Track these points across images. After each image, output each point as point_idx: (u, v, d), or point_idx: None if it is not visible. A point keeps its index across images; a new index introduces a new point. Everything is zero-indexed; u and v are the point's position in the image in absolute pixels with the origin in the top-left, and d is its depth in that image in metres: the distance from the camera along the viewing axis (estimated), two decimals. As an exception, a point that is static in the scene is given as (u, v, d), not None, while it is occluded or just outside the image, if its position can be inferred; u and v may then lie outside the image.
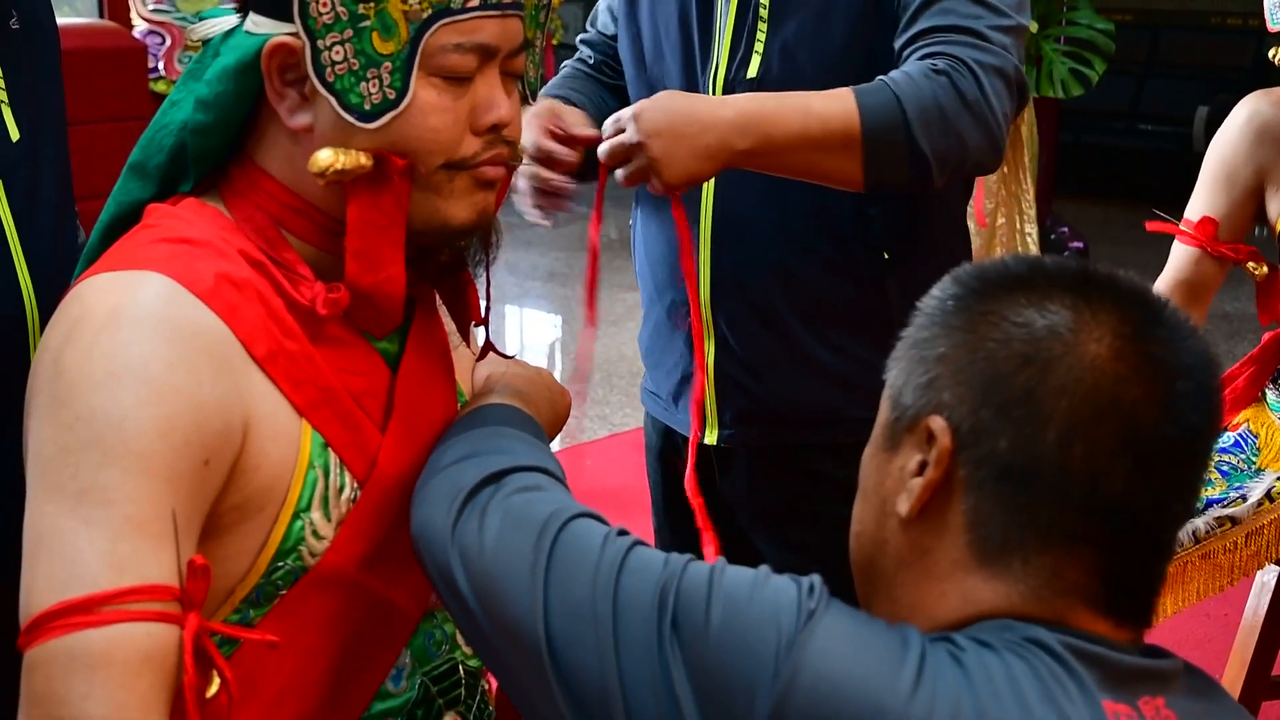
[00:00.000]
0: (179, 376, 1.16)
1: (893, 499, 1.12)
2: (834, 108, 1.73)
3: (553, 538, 1.15)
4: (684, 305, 1.98)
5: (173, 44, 5.58)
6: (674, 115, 1.70)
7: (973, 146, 1.77)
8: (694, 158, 1.69)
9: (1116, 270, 1.12)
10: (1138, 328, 1.06)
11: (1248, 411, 2.68)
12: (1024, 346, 1.06)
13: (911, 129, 1.72)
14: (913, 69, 1.76)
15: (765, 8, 1.88)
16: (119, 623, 1.09)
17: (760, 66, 1.89)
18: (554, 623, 1.11)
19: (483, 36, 1.27)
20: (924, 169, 1.75)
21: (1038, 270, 1.11)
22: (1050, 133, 7.71)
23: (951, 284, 1.14)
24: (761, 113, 1.72)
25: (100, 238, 1.34)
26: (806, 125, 1.72)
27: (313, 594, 1.28)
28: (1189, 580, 2.54)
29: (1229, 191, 2.58)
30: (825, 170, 1.76)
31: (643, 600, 1.08)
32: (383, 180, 1.26)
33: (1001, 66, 1.78)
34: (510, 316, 7.14)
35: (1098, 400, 1.04)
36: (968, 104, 1.74)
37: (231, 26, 1.31)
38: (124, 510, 1.11)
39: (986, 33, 1.79)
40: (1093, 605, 1.07)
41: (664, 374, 2.10)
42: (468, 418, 1.38)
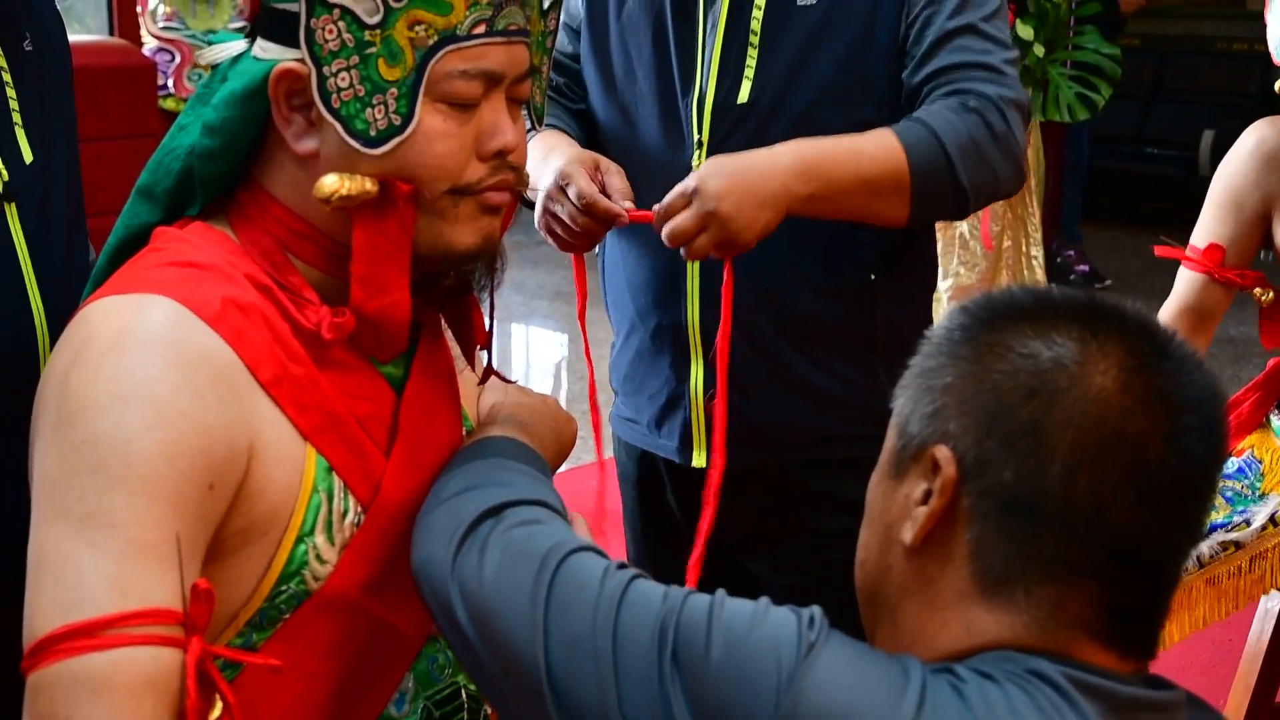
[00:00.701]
0: (185, 400, 1.16)
1: (897, 527, 1.12)
2: (882, 152, 1.77)
3: (552, 571, 1.15)
4: (671, 329, 1.99)
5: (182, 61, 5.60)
6: (734, 174, 1.72)
7: (1003, 177, 1.85)
8: (762, 208, 1.72)
9: (1123, 302, 1.12)
10: (1144, 360, 1.06)
11: (1252, 437, 2.68)
12: (1030, 378, 1.06)
13: (954, 166, 1.79)
14: (945, 106, 1.81)
15: (756, 34, 1.88)
16: (122, 646, 1.09)
17: (752, 91, 1.89)
18: (554, 656, 1.11)
19: (488, 63, 1.28)
20: (963, 202, 1.83)
21: (1044, 301, 1.11)
22: (1056, 157, 7.72)
23: (959, 314, 1.14)
24: (818, 158, 1.75)
25: (108, 260, 1.35)
26: (860, 169, 1.76)
27: (316, 618, 1.28)
28: (1194, 606, 2.54)
29: (1236, 217, 2.59)
30: (875, 210, 1.81)
31: (643, 633, 1.08)
32: (388, 206, 1.26)
33: (1018, 99, 1.85)
34: (517, 335, 7.15)
35: (1103, 433, 1.04)
36: (997, 138, 1.81)
37: (240, 51, 1.31)
38: (129, 534, 1.12)
39: (1001, 67, 1.85)
40: (1096, 637, 1.07)
41: (645, 399, 2.09)
42: (469, 449, 1.38)
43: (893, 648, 1.11)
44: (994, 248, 5.44)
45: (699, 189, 1.71)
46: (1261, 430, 2.68)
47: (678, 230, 1.72)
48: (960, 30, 1.85)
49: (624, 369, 2.14)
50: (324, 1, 1.20)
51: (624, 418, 2.17)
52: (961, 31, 1.85)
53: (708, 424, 1.98)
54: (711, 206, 1.70)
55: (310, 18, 1.20)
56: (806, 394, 1.96)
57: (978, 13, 1.86)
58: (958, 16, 1.85)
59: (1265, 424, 2.69)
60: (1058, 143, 7.78)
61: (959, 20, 1.85)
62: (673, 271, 1.95)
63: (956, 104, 1.81)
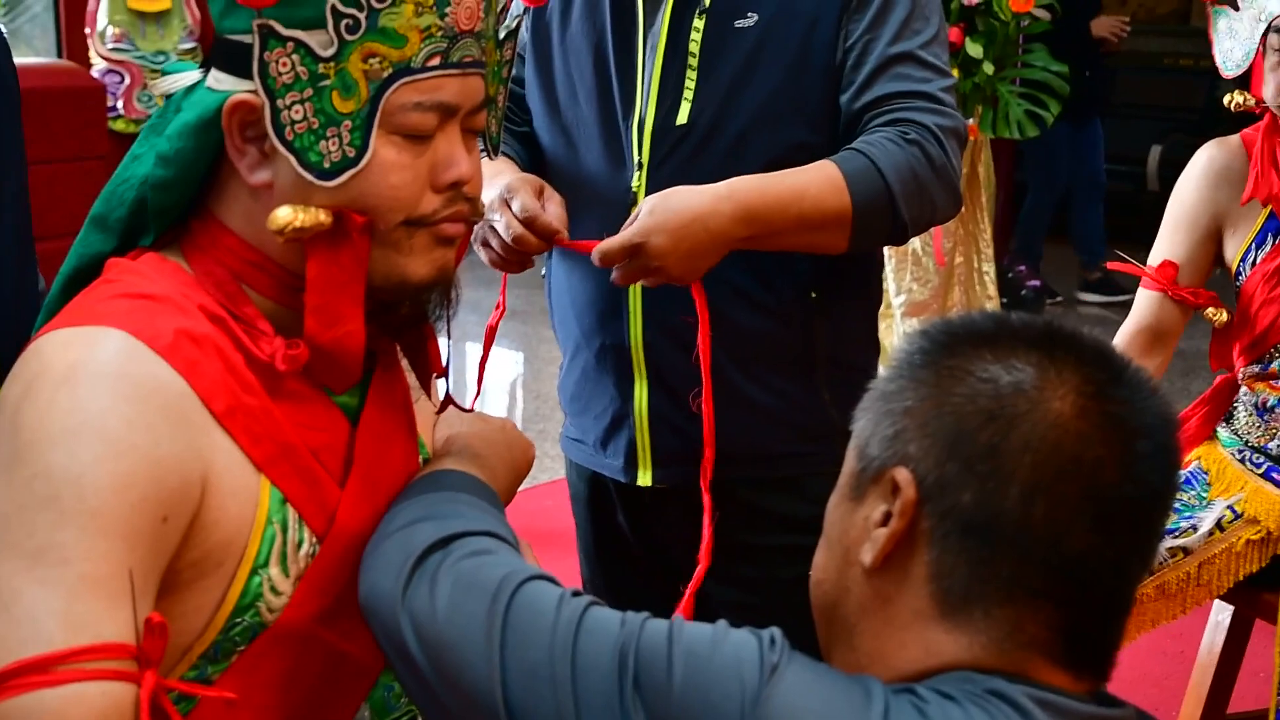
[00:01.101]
0: (137, 433, 1.15)
1: (856, 548, 1.13)
2: (826, 191, 1.79)
3: (506, 601, 1.16)
4: (614, 350, 1.99)
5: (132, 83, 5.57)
6: (677, 229, 1.73)
7: (940, 206, 1.88)
8: (703, 257, 1.75)
9: (1080, 328, 1.14)
10: (1100, 387, 1.08)
11: (1199, 450, 2.71)
12: (989, 403, 1.07)
13: (895, 200, 1.81)
14: (885, 137, 1.82)
15: (695, 56, 1.89)
16: (75, 682, 1.09)
17: (690, 113, 1.89)
18: (512, 686, 1.11)
19: (443, 95, 1.28)
20: (902, 233, 1.85)
21: (1003, 326, 1.13)
22: (1007, 173, 7.77)
23: (919, 337, 1.16)
24: (762, 203, 1.77)
25: (61, 290, 1.34)
26: (803, 211, 1.78)
27: (271, 650, 1.28)
28: (1143, 612, 2.58)
29: (1188, 236, 2.64)
30: (815, 244, 1.84)
31: (602, 660, 1.09)
32: (342, 237, 1.26)
33: (956, 128, 1.87)
34: (472, 355, 7.12)
35: (1060, 458, 1.05)
36: (936, 170, 1.84)
37: (194, 82, 1.31)
38: (81, 569, 1.11)
39: (940, 95, 1.88)
40: (1052, 658, 1.08)
41: (591, 419, 2.09)
42: (420, 482, 1.38)
43: (850, 668, 1.12)
44: (946, 264, 5.47)
45: (643, 248, 1.73)
46: (1208, 442, 2.71)
47: (625, 277, 1.76)
48: (900, 58, 1.87)
49: (570, 389, 2.14)
50: (277, 34, 1.20)
51: (571, 438, 2.18)
52: (901, 59, 1.87)
53: (652, 442, 2.00)
54: (656, 265, 1.73)
55: (264, 50, 1.20)
56: (748, 411, 1.96)
57: (917, 40, 1.88)
58: (897, 44, 1.87)
59: (1213, 436, 2.72)
60: (1007, 160, 7.84)
61: (899, 48, 1.87)
62: (615, 293, 1.96)
63: (897, 135, 1.82)
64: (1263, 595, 2.58)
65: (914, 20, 1.89)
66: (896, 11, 1.88)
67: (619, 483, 2.07)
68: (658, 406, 1.98)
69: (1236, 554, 2.55)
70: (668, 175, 1.86)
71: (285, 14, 1.20)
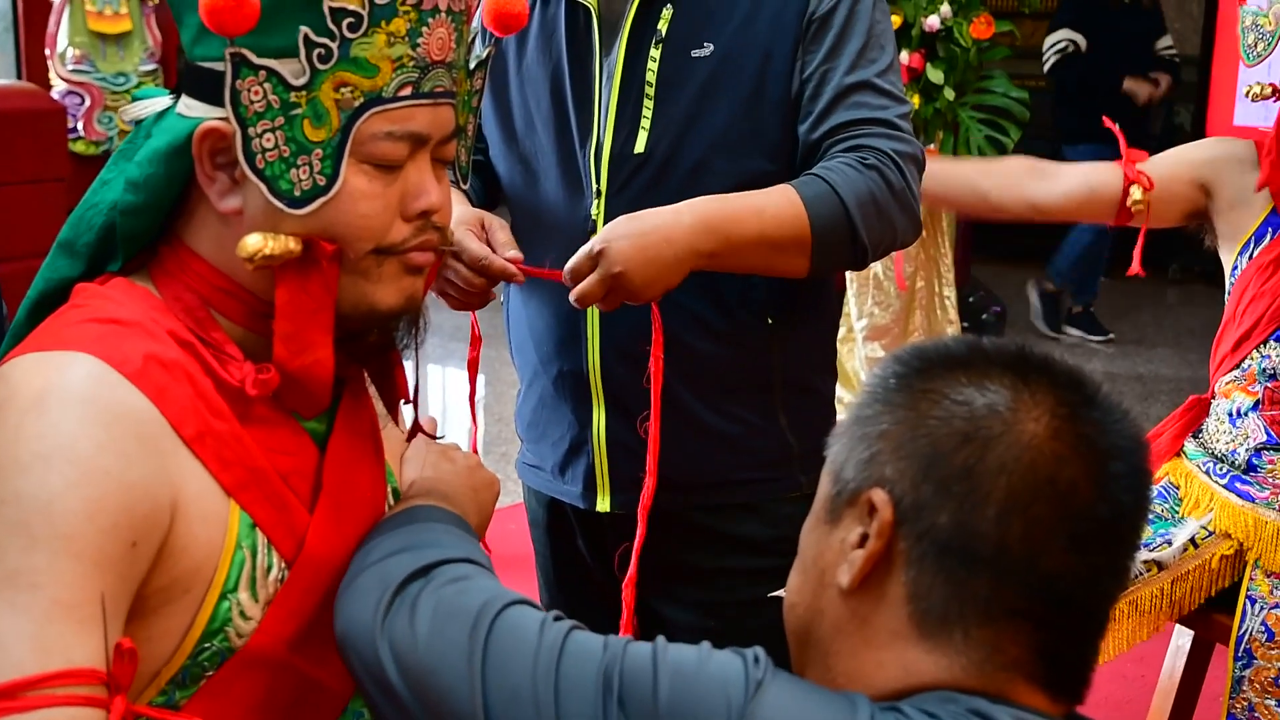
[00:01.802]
0: (107, 458, 1.15)
1: (832, 570, 1.14)
2: (784, 210, 1.80)
3: (488, 626, 1.16)
4: (572, 376, 2.00)
5: (92, 104, 5.56)
6: (638, 237, 1.74)
7: (900, 230, 1.90)
8: (665, 271, 1.75)
9: (1051, 354, 1.16)
10: (1073, 408, 1.09)
11: (1166, 465, 2.72)
12: (964, 425, 1.09)
13: (854, 223, 1.82)
14: (844, 163, 1.84)
15: (652, 85, 1.90)
16: (45, 708, 1.08)
17: (648, 141, 1.90)
18: (494, 710, 1.11)
19: (414, 125, 1.28)
20: (862, 256, 1.86)
21: (976, 350, 1.15)
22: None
23: (893, 363, 1.17)
24: (721, 216, 1.78)
25: (27, 315, 1.33)
26: (763, 228, 1.79)
27: (240, 675, 1.27)
28: (1118, 629, 2.58)
29: (1175, 163, 2.68)
30: (776, 265, 1.84)
31: (586, 683, 1.09)
32: (311, 265, 1.26)
33: (914, 154, 1.89)
34: (434, 376, 7.12)
35: (1035, 479, 1.07)
36: (895, 194, 1.85)
37: (164, 107, 1.31)
38: (51, 594, 1.11)
39: (897, 122, 1.90)
40: (1031, 680, 1.09)
41: (549, 446, 2.09)
42: (393, 518, 1.38)
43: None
44: (908, 288, 5.50)
45: (604, 253, 1.73)
46: (1175, 458, 2.73)
47: (584, 294, 1.75)
48: (857, 86, 1.89)
49: (528, 416, 2.14)
50: (249, 63, 1.20)
51: (529, 464, 2.17)
52: (858, 88, 1.89)
53: (610, 469, 2.00)
54: (617, 270, 1.72)
55: (235, 79, 1.20)
56: (705, 437, 1.97)
57: (873, 69, 1.90)
58: (854, 73, 1.89)
59: (1179, 452, 2.74)
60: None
61: (855, 76, 1.89)
62: (573, 319, 1.96)
63: (856, 160, 1.84)
64: (1214, 617, 2.59)
65: (869, 50, 1.91)
66: (852, 42, 1.90)
67: (577, 508, 2.07)
68: (616, 433, 1.99)
69: (1210, 570, 2.56)
70: (626, 203, 1.87)
71: (258, 42, 1.20)
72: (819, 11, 1.90)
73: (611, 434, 1.99)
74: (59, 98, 5.37)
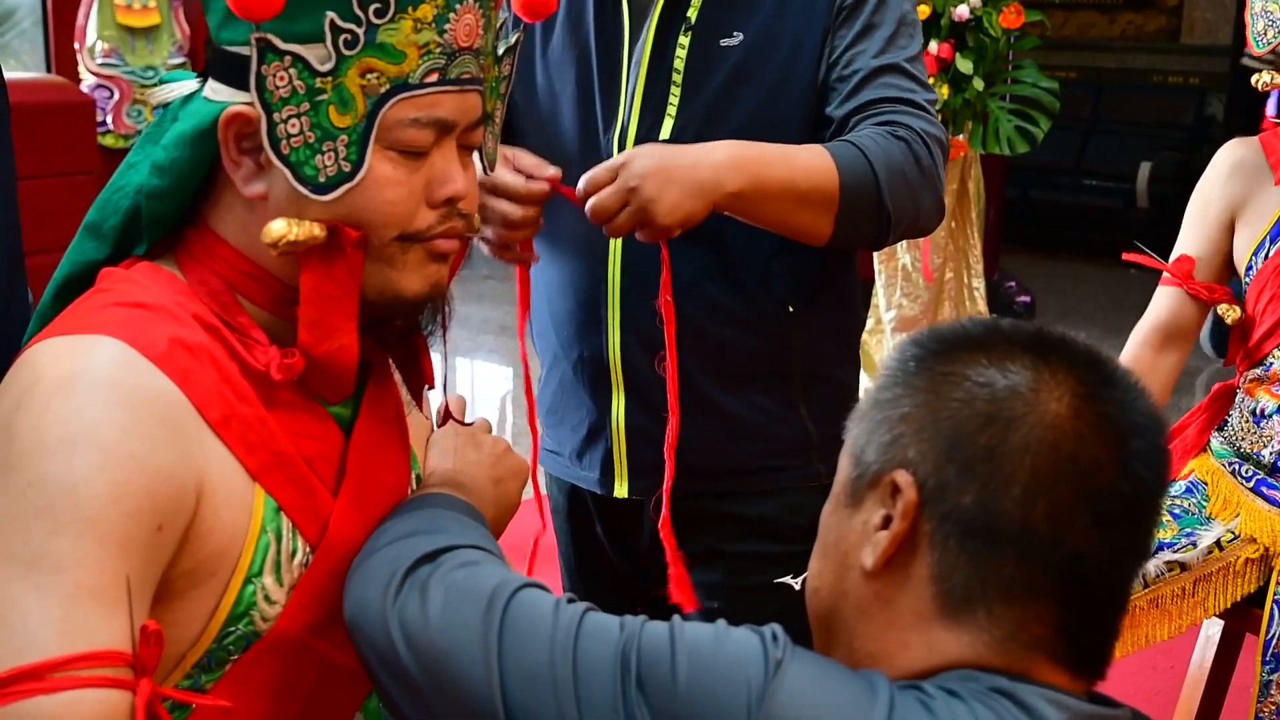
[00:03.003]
0: (133, 442, 1.15)
1: (855, 552, 1.15)
2: (815, 161, 1.79)
3: (503, 607, 1.16)
4: (592, 361, 1.99)
5: (121, 98, 5.58)
6: (664, 156, 1.72)
7: (923, 209, 1.88)
8: (687, 195, 1.71)
9: (1068, 333, 1.16)
10: (1093, 388, 1.10)
11: (1193, 462, 2.71)
12: (986, 406, 1.09)
13: (881, 189, 1.80)
14: (873, 133, 1.83)
15: (679, 73, 1.90)
16: (71, 689, 1.08)
17: (673, 128, 1.90)
18: (511, 691, 1.11)
19: (441, 112, 1.27)
20: (885, 227, 1.84)
21: (995, 332, 1.15)
22: (996, 188, 7.79)
23: (911, 346, 1.17)
24: (753, 156, 1.76)
25: (53, 298, 1.34)
26: (792, 175, 1.77)
27: (265, 659, 1.28)
28: (1137, 625, 2.57)
29: (1203, 226, 2.65)
30: (799, 221, 1.81)
31: (604, 662, 1.10)
32: (336, 251, 1.26)
33: (940, 137, 1.89)
34: (462, 370, 7.13)
35: (1058, 459, 1.07)
36: (923, 169, 1.85)
37: (190, 91, 1.31)
38: (76, 577, 1.11)
39: (924, 104, 1.90)
40: (1054, 658, 1.10)
41: (568, 431, 2.09)
42: (407, 503, 1.38)
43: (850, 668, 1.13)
44: (935, 280, 5.48)
45: (626, 163, 1.71)
46: (1203, 453, 2.71)
47: (600, 205, 1.72)
48: (886, 68, 1.89)
49: (547, 401, 2.13)
50: (275, 48, 1.19)
51: (549, 450, 2.17)
52: (887, 69, 1.89)
53: (629, 454, 2.00)
54: (635, 184, 1.70)
55: (261, 64, 1.19)
56: (724, 424, 1.97)
57: (901, 54, 1.90)
58: (883, 56, 1.89)
59: (1205, 447, 2.72)
60: (997, 176, 7.86)
61: (884, 59, 1.89)
62: (594, 304, 1.96)
63: (886, 132, 1.84)
64: (1251, 610, 2.58)
65: (899, 37, 1.92)
66: (882, 28, 1.90)
67: (596, 494, 2.07)
68: (634, 419, 1.98)
69: (1235, 573, 2.55)
70: None
71: (284, 28, 1.19)
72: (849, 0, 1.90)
73: (630, 420, 1.99)
74: (88, 91, 5.39)
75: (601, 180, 1.72)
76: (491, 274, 9.02)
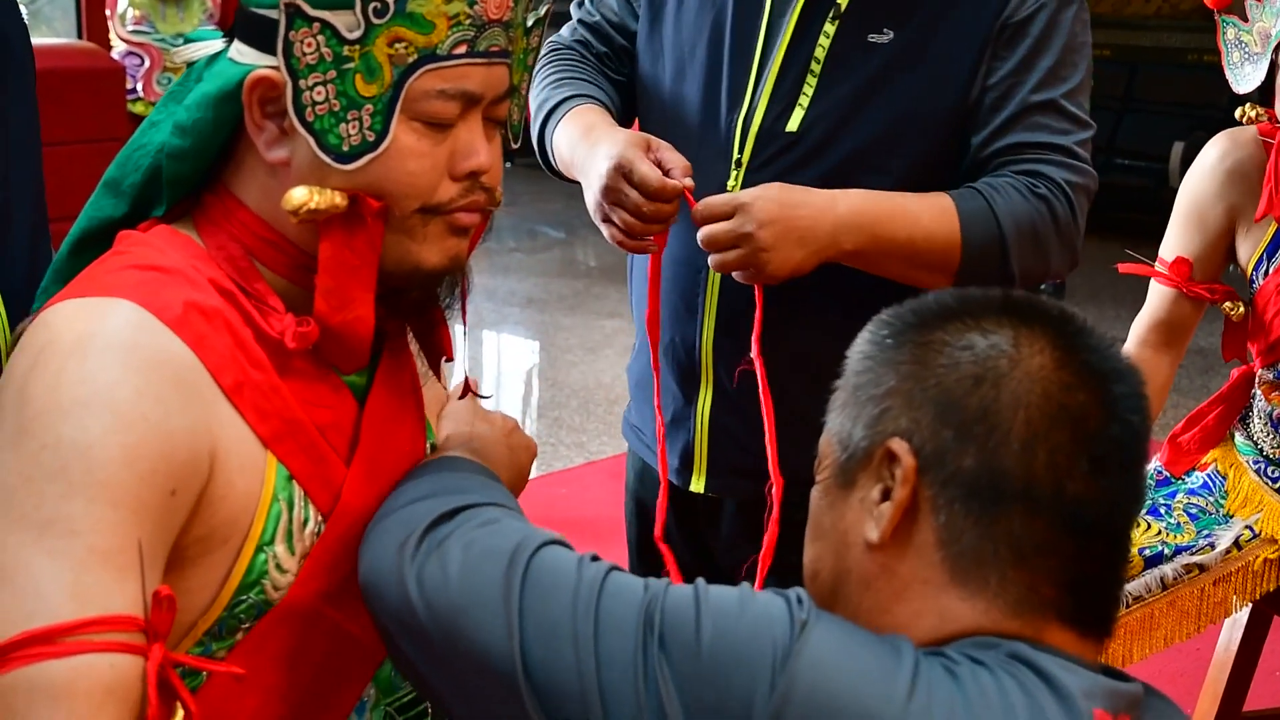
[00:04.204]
0: (147, 405, 1.15)
1: (855, 530, 1.15)
2: (939, 223, 1.73)
3: (525, 564, 1.16)
4: (683, 347, 1.94)
5: (151, 65, 5.57)
6: (786, 206, 1.68)
7: (1054, 264, 1.82)
8: (801, 249, 1.68)
9: (1033, 295, 1.19)
10: (1070, 339, 1.13)
11: (1216, 451, 2.68)
12: (973, 367, 1.11)
13: (1008, 254, 1.75)
14: (1012, 184, 1.76)
15: (819, 63, 1.82)
16: (82, 654, 1.08)
17: (803, 121, 1.82)
18: (530, 647, 1.11)
19: (468, 84, 1.26)
20: (1009, 284, 1.76)
21: (965, 300, 1.18)
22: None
23: (881, 326, 1.20)
24: (875, 215, 1.71)
25: (69, 252, 1.33)
26: (913, 238, 1.72)
27: (276, 628, 1.27)
28: (1156, 627, 2.55)
29: (1201, 232, 2.58)
30: (915, 278, 1.76)
31: (626, 620, 1.10)
32: (356, 221, 1.25)
33: (1089, 185, 1.81)
34: (488, 342, 7.14)
35: (1049, 407, 1.09)
36: (1059, 228, 1.78)
37: (216, 51, 1.30)
38: (89, 541, 1.10)
39: (1076, 150, 1.81)
40: (1062, 617, 1.10)
41: (652, 412, 2.02)
42: (424, 465, 1.38)
43: None
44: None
45: (747, 206, 1.67)
46: (1225, 445, 2.68)
47: (712, 236, 1.69)
48: (1042, 106, 1.79)
49: (637, 374, 2.10)
50: (304, 14, 1.18)
51: (632, 424, 2.13)
52: (1044, 108, 1.79)
53: (710, 450, 1.95)
54: (751, 229, 1.66)
55: (289, 29, 1.18)
56: (810, 428, 1.91)
57: (1062, 88, 1.80)
58: (1042, 91, 1.79)
59: (1229, 439, 2.68)
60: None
61: (1043, 95, 1.79)
62: (693, 289, 1.91)
63: (1025, 185, 1.76)
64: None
65: (1062, 67, 1.81)
66: (1047, 57, 1.80)
67: (671, 483, 2.00)
68: (719, 415, 1.94)
69: (1254, 573, 2.53)
70: (767, 180, 1.78)
71: None
72: (1017, 16, 1.79)
73: (715, 415, 1.94)
74: (118, 58, 5.39)
75: (719, 211, 1.69)
76: (518, 247, 9.03)
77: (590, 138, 1.80)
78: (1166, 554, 2.52)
